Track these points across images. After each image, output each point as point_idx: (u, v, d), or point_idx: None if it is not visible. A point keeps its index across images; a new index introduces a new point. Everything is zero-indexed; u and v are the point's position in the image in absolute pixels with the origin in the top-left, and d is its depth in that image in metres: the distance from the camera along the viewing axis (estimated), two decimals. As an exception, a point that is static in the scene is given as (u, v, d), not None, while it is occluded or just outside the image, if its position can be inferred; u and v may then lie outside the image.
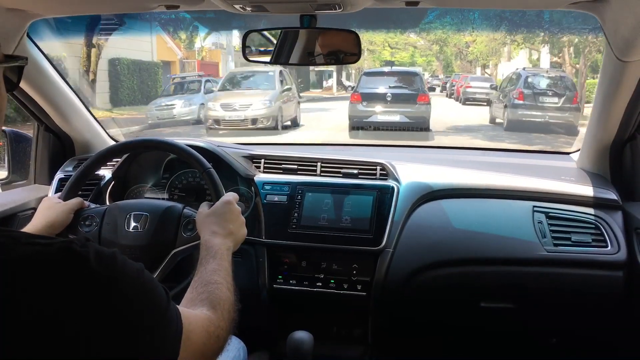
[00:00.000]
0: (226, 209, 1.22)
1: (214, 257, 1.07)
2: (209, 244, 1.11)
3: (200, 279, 1.01)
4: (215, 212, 1.22)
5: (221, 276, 1.02)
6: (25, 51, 1.64)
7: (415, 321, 1.77)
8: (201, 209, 1.27)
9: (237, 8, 1.35)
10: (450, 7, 3.41)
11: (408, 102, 10.81)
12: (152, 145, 1.53)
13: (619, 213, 1.66)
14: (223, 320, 0.92)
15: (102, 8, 1.93)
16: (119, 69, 15.06)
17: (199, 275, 1.03)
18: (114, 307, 0.68)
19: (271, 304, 1.69)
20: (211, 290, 0.97)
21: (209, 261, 1.06)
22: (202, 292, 0.96)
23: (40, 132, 1.97)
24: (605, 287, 1.60)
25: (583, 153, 1.89)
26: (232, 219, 1.21)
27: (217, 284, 0.99)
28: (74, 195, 1.42)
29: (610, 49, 1.44)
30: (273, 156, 1.83)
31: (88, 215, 1.40)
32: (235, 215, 1.23)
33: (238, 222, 1.23)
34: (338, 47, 1.46)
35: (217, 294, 0.96)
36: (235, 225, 1.21)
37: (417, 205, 1.69)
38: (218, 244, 1.12)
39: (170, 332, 0.76)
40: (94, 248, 0.70)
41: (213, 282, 0.99)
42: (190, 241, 1.33)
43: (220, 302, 0.95)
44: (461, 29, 17.25)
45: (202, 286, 0.98)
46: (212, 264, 1.05)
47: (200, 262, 1.07)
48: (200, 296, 0.95)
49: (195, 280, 1.01)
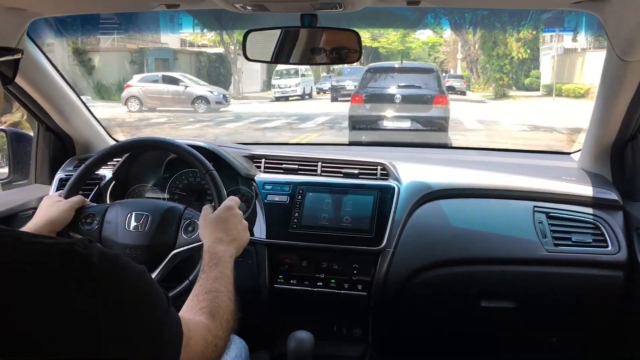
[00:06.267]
0: (229, 214, 1.22)
1: (217, 264, 1.07)
2: (212, 251, 1.11)
3: (202, 286, 1.01)
4: (218, 217, 1.21)
5: (223, 284, 1.02)
6: (26, 51, 1.64)
7: (416, 321, 1.77)
8: (204, 212, 1.26)
9: (238, 7, 1.35)
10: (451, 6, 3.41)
11: (422, 105, 8.69)
12: (155, 146, 1.52)
13: (619, 213, 1.66)
14: (221, 330, 0.92)
15: (102, 7, 1.93)
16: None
17: (200, 282, 1.03)
18: (115, 309, 0.68)
19: (272, 303, 1.69)
20: (212, 299, 0.97)
21: (212, 268, 1.06)
22: (203, 299, 0.97)
23: (41, 132, 1.97)
24: (606, 287, 1.60)
25: (584, 153, 1.89)
26: (235, 224, 1.21)
27: (218, 292, 0.99)
28: (75, 193, 1.42)
29: (612, 48, 1.44)
30: (274, 156, 1.83)
31: (89, 213, 1.40)
32: (238, 220, 1.23)
33: (241, 227, 1.23)
34: (338, 45, 1.46)
35: (217, 302, 0.97)
36: (238, 231, 1.21)
37: (418, 205, 1.69)
38: (222, 250, 1.12)
39: (170, 336, 0.77)
40: (97, 249, 0.70)
41: (214, 291, 0.99)
42: (190, 243, 1.33)
43: (220, 311, 0.95)
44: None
45: (203, 294, 0.98)
46: (214, 272, 1.05)
47: (202, 269, 1.07)
48: (201, 304, 0.95)
49: (197, 288, 1.01)
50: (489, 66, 20.31)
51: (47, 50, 1.78)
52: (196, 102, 15.85)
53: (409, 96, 8.81)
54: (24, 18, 1.54)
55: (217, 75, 21.39)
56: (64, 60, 15.88)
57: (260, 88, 22.82)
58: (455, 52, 26.03)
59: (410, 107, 8.75)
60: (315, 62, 1.50)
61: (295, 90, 19.12)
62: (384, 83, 9.10)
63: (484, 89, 21.30)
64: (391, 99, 8.81)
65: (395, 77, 9.23)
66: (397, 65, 10.51)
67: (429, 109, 8.63)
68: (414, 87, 8.95)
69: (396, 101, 8.76)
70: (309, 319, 1.70)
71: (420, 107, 8.72)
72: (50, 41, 11.40)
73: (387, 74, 9.48)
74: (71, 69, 16.81)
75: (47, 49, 1.75)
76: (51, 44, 11.88)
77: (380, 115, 8.81)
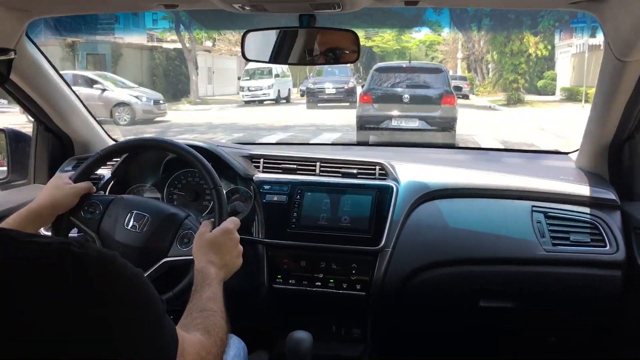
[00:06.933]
0: (226, 238, 1.21)
1: (210, 285, 1.08)
2: (205, 272, 1.11)
3: (195, 305, 1.01)
4: (215, 240, 1.20)
5: (216, 305, 1.03)
6: (25, 51, 1.64)
7: (414, 320, 1.77)
8: (202, 228, 1.25)
9: (236, 7, 1.35)
10: (449, 7, 3.42)
11: (430, 105, 8.83)
12: (169, 149, 1.49)
13: (617, 213, 1.66)
14: (215, 347, 0.92)
15: (101, 7, 1.93)
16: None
17: (194, 301, 1.03)
18: (110, 309, 0.68)
19: (270, 303, 1.69)
20: (206, 317, 0.98)
21: (204, 288, 1.06)
22: (197, 317, 0.97)
23: (40, 132, 1.97)
24: (604, 287, 1.60)
25: (582, 153, 1.89)
26: (230, 249, 1.21)
27: (212, 311, 1.00)
28: (85, 179, 1.41)
29: (610, 48, 1.44)
30: (272, 156, 1.84)
31: (93, 202, 1.39)
32: (233, 245, 1.22)
33: (235, 253, 1.22)
34: (337, 45, 1.46)
35: (211, 320, 0.97)
36: (231, 257, 1.20)
37: (416, 205, 1.69)
38: (213, 273, 1.12)
39: (165, 339, 0.77)
40: (94, 249, 0.71)
41: (208, 310, 1.00)
42: (182, 255, 1.32)
43: (215, 328, 0.96)
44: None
45: (197, 312, 0.99)
46: (207, 292, 1.05)
47: (195, 289, 1.07)
48: (195, 321, 0.96)
49: (190, 307, 1.01)
50: (499, 66, 17.79)
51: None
52: (117, 110, 12.78)
53: (417, 96, 8.87)
54: (23, 18, 1.54)
55: (177, 75, 18.45)
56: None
57: (236, 89, 19.90)
58: (455, 52, 24.32)
59: (419, 107, 8.80)
60: (314, 62, 1.51)
61: (268, 93, 16.94)
62: (392, 83, 9.18)
63: (490, 92, 18.97)
64: (399, 99, 8.86)
65: (403, 76, 9.31)
66: (405, 65, 10.48)
67: (437, 108, 8.74)
68: (423, 86, 9.05)
69: (404, 101, 8.81)
70: (308, 319, 1.70)
71: (428, 107, 8.81)
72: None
73: (395, 73, 9.56)
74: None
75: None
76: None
77: (389, 114, 8.83)
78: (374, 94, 9.10)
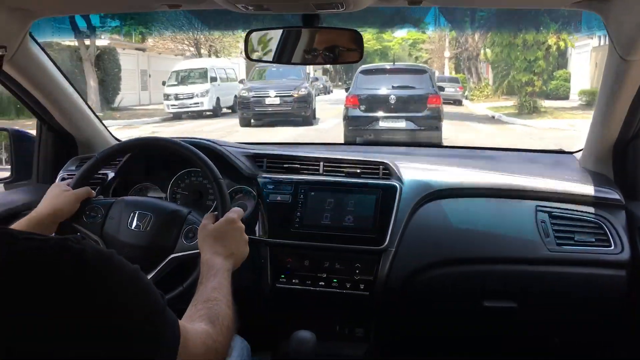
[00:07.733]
0: (229, 228, 1.21)
1: (215, 275, 1.08)
2: (210, 263, 1.11)
3: (200, 296, 1.02)
4: (218, 230, 1.20)
5: (221, 294, 1.03)
6: (28, 50, 1.64)
7: (418, 320, 1.77)
8: (205, 221, 1.25)
9: (239, 7, 1.35)
10: (452, 6, 3.41)
11: (416, 106, 8.96)
12: (170, 148, 1.50)
13: (622, 212, 1.65)
14: (221, 335, 0.93)
15: (105, 7, 1.94)
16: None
17: (199, 293, 1.03)
18: (108, 304, 0.69)
19: (274, 303, 1.69)
20: (210, 307, 0.98)
21: (209, 279, 1.07)
22: (202, 308, 0.97)
23: (43, 132, 1.98)
24: (609, 287, 1.60)
25: (586, 152, 1.88)
26: (235, 238, 1.21)
27: (216, 300, 1.00)
28: (83, 185, 1.42)
29: (614, 47, 1.43)
30: (276, 155, 1.83)
31: (94, 206, 1.40)
32: (238, 234, 1.22)
33: (241, 242, 1.22)
34: (340, 44, 1.46)
35: (216, 309, 0.97)
36: (237, 245, 1.20)
37: (420, 205, 1.69)
38: (219, 264, 1.12)
39: (165, 336, 0.76)
40: (91, 245, 0.71)
41: (212, 299, 1.00)
42: (188, 249, 1.32)
43: (219, 317, 0.96)
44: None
45: (201, 303, 0.99)
46: (212, 283, 1.06)
47: (200, 281, 1.07)
48: (200, 312, 0.96)
49: (196, 298, 1.01)
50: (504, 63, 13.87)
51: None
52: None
53: (403, 97, 9.03)
54: (26, 18, 1.54)
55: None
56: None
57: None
58: (442, 50, 21.62)
59: (405, 107, 8.96)
60: (316, 62, 1.51)
61: (201, 102, 12.85)
62: (377, 84, 9.26)
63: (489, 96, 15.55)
64: (385, 100, 9.00)
65: (389, 78, 9.45)
66: (389, 67, 10.71)
67: (423, 109, 8.92)
68: (408, 87, 9.18)
69: (391, 102, 8.97)
70: (311, 319, 1.70)
71: (414, 107, 8.99)
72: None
73: (379, 75, 9.73)
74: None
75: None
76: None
77: (375, 116, 8.97)
78: (360, 97, 9.18)
